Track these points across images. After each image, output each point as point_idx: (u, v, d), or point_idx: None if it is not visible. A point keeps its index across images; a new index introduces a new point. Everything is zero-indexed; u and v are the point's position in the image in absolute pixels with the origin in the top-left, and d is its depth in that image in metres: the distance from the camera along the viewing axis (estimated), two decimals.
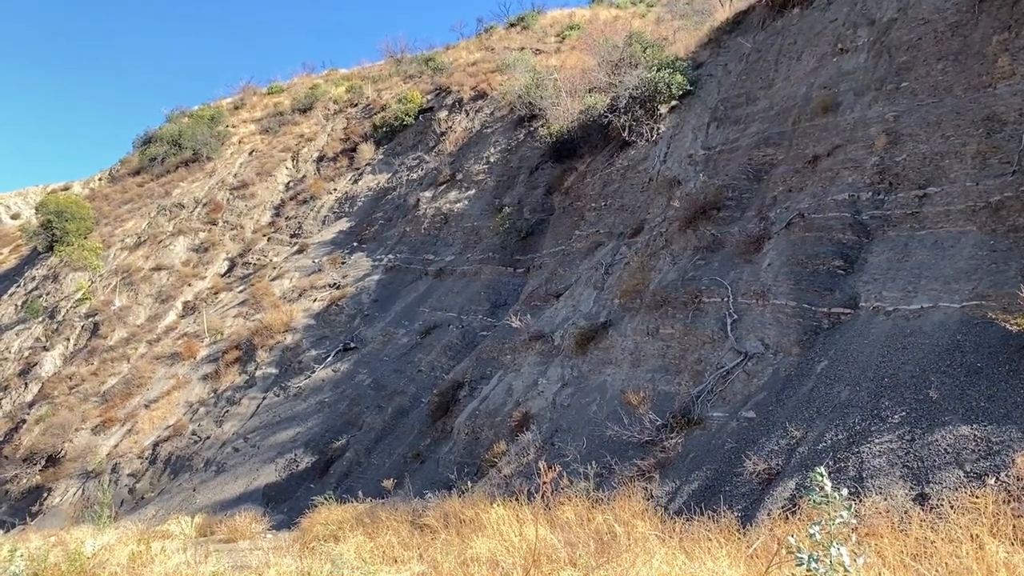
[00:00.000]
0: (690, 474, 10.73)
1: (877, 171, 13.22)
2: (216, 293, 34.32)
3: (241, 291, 33.23)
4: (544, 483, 8.03)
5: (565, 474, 12.06)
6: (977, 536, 6.41)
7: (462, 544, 9.46)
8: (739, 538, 8.03)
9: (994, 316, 9.23)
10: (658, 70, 21.68)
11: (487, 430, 16.56)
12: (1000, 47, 12.68)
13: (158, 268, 36.61)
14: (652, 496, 10.72)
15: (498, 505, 10.97)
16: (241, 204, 40.33)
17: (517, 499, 11.27)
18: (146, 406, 27.22)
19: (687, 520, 9.09)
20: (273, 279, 32.72)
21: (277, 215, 39.06)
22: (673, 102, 21.66)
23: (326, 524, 13.68)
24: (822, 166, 14.43)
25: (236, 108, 51.46)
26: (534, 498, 10.69)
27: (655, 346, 14.81)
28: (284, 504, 19.70)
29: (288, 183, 41.36)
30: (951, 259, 10.92)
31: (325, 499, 15.55)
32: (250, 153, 44.88)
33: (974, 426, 8.27)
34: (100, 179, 49.34)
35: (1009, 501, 7.01)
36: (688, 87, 21.25)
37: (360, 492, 16.62)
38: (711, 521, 8.77)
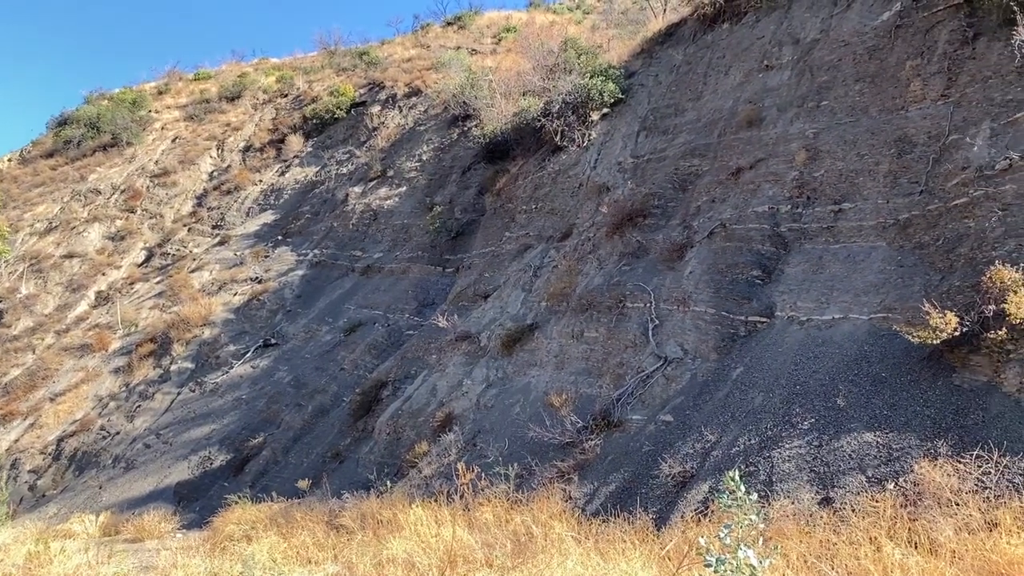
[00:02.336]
0: (608, 476, 10.86)
1: (796, 185, 13.69)
2: (132, 283, 33.00)
3: (158, 282, 32.04)
4: (462, 484, 8.00)
5: (485, 475, 12.06)
6: (876, 539, 6.69)
7: (378, 545, 9.35)
8: (653, 540, 8.17)
9: (899, 328, 9.66)
10: (591, 77, 21.93)
11: (409, 430, 16.40)
12: (913, 72, 13.31)
13: (70, 256, 34.96)
14: (570, 497, 10.81)
15: (417, 506, 10.91)
16: (161, 192, 38.90)
17: (437, 500, 11.25)
18: (51, 399, 25.93)
19: (603, 521, 9.21)
20: (193, 271, 31.66)
21: (199, 205, 37.84)
22: (605, 109, 21.96)
23: (239, 524, 13.38)
24: (745, 178, 14.85)
25: (160, 93, 49.64)
26: (454, 499, 10.67)
27: (579, 349, 14.95)
28: (196, 503, 19.09)
29: (212, 172, 40.12)
30: (862, 272, 11.38)
31: (239, 498, 15.21)
32: (173, 140, 43.35)
33: (877, 433, 8.63)
34: (9, 160, 46.76)
35: (906, 505, 7.34)
36: (620, 95, 21.57)
37: (276, 491, 16.26)
38: (627, 523, 8.91)
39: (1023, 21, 11.48)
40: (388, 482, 14.42)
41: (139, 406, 24.32)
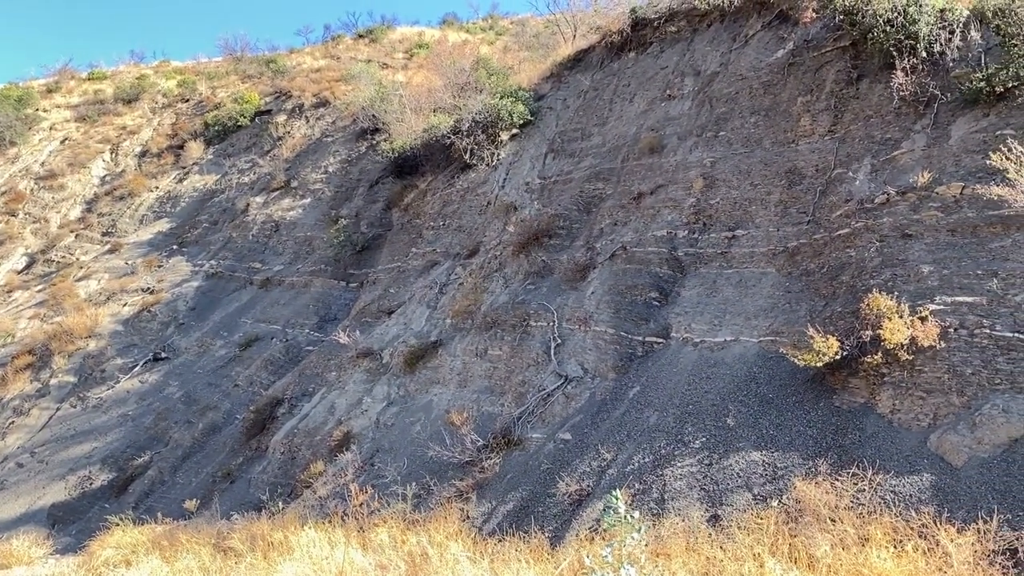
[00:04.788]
0: (506, 495, 10.84)
1: (694, 211, 14.17)
2: (10, 291, 30.90)
3: (40, 290, 30.13)
4: (356, 505, 7.82)
5: (383, 495, 11.84)
6: (759, 555, 6.91)
7: (268, 568, 9.08)
8: (548, 558, 8.19)
9: (785, 351, 10.09)
10: (501, 98, 22.14)
11: (305, 449, 15.93)
12: (803, 108, 14.06)
13: None
14: (468, 517, 10.72)
15: (310, 527, 10.62)
16: (47, 196, 36.72)
17: (331, 521, 10.96)
18: None
19: (499, 541, 9.17)
20: (79, 279, 29.94)
21: (89, 210, 35.91)
22: (514, 130, 22.18)
23: (118, 547, 12.82)
24: (646, 203, 15.27)
25: (49, 91, 46.93)
26: (349, 520, 10.42)
27: (483, 367, 14.93)
28: (73, 526, 17.96)
29: (104, 177, 38.18)
30: (752, 297, 11.86)
31: (120, 520, 14.47)
32: (62, 141, 41.04)
33: (763, 452, 8.96)
34: None
35: (788, 522, 7.62)
36: (529, 117, 21.85)
37: (161, 513, 15.48)
38: (522, 541, 8.90)
39: (901, 66, 12.32)
40: (281, 503, 13.97)
41: (12, 422, 22.70)
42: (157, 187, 36.03)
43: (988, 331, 8.65)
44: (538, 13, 44.05)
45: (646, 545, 7.64)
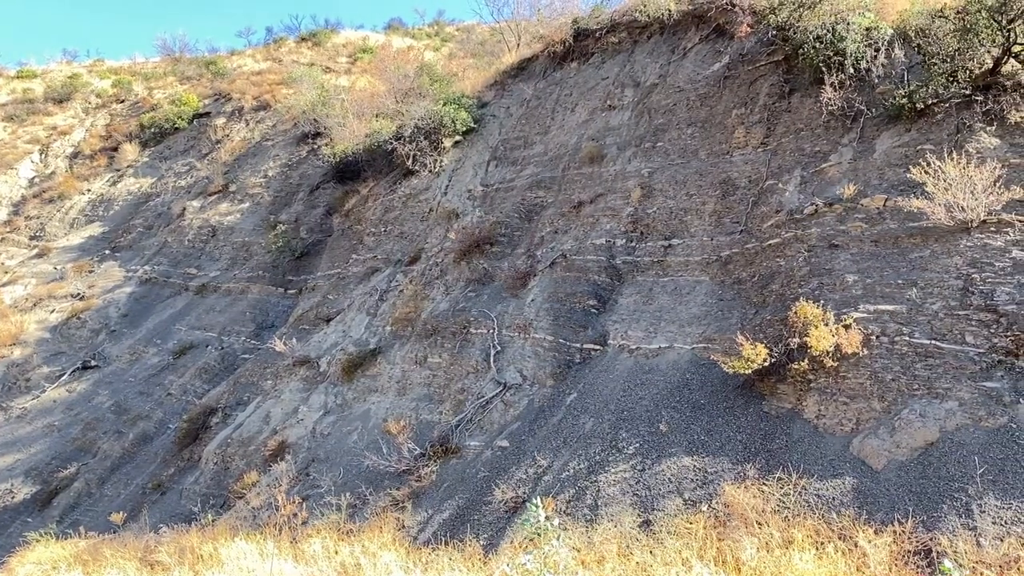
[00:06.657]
0: (442, 503, 10.77)
1: (631, 220, 14.36)
2: None
3: None
4: (283, 515, 7.67)
5: (317, 506, 11.66)
6: (688, 559, 7.01)
7: None
8: (481, 567, 8.17)
9: (716, 358, 10.27)
10: (445, 104, 22.10)
11: (239, 460, 15.57)
12: (737, 120, 14.39)
13: None
14: (404, 526, 10.62)
15: (241, 539, 10.41)
16: None
17: (263, 532, 10.74)
18: None
19: (434, 550, 9.12)
20: (4, 285, 28.77)
21: (16, 213, 34.57)
22: (457, 137, 22.14)
23: (39, 563, 12.43)
24: (585, 211, 15.41)
25: None
26: (282, 531, 10.24)
27: (422, 375, 14.83)
28: None
29: (33, 179, 36.84)
30: (687, 305, 12.06)
31: (42, 535, 13.99)
32: None
33: (694, 457, 9.11)
34: None
35: (716, 526, 7.75)
36: (472, 124, 21.85)
37: (87, 527, 14.99)
38: (457, 550, 8.86)
39: (831, 81, 12.73)
40: (212, 514, 13.64)
41: None
42: (89, 190, 34.91)
43: (907, 338, 8.97)
44: (483, 21, 44.21)
45: (578, 551, 7.69)
